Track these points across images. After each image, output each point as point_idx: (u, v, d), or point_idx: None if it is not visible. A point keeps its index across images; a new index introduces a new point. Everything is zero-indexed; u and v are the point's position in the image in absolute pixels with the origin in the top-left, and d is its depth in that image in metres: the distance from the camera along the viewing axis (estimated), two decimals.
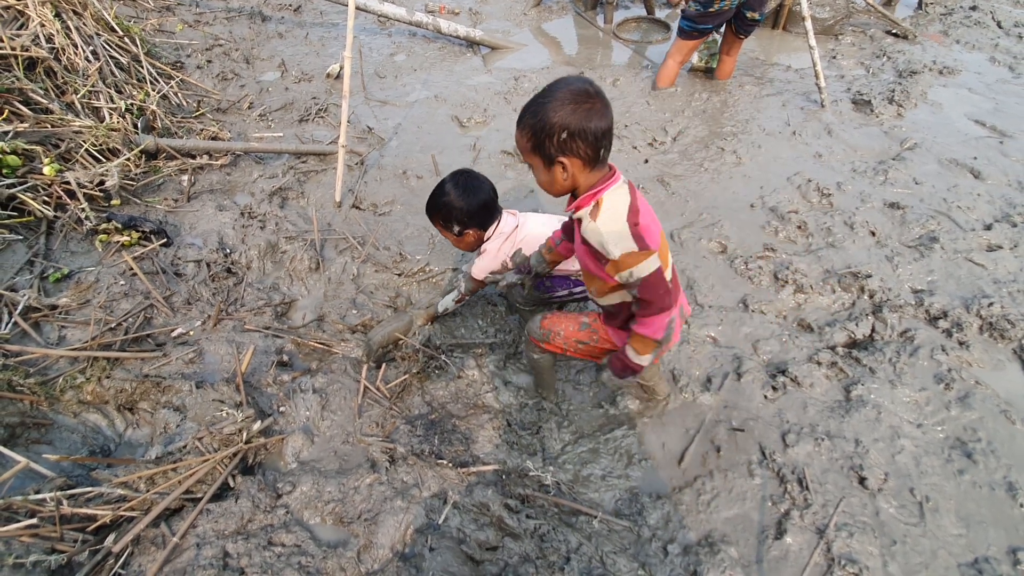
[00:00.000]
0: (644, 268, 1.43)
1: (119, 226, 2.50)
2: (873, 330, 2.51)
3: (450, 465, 1.77)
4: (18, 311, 2.05)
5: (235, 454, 1.70)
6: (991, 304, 2.52)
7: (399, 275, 2.75)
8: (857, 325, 2.52)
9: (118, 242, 2.49)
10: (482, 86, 4.61)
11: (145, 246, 2.57)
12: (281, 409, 1.91)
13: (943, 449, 2.02)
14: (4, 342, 1.93)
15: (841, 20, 5.42)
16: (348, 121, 4.15)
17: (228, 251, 2.74)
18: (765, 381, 2.25)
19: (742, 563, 1.65)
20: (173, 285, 2.47)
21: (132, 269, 2.39)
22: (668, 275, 1.55)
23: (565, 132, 1.35)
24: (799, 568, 1.63)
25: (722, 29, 4.20)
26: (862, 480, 1.87)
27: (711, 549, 1.68)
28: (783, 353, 2.40)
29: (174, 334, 2.24)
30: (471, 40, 5.31)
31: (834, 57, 5.01)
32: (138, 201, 2.87)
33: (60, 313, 2.15)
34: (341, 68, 4.79)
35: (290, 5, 6.05)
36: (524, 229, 2.21)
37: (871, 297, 2.65)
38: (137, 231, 2.54)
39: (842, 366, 2.31)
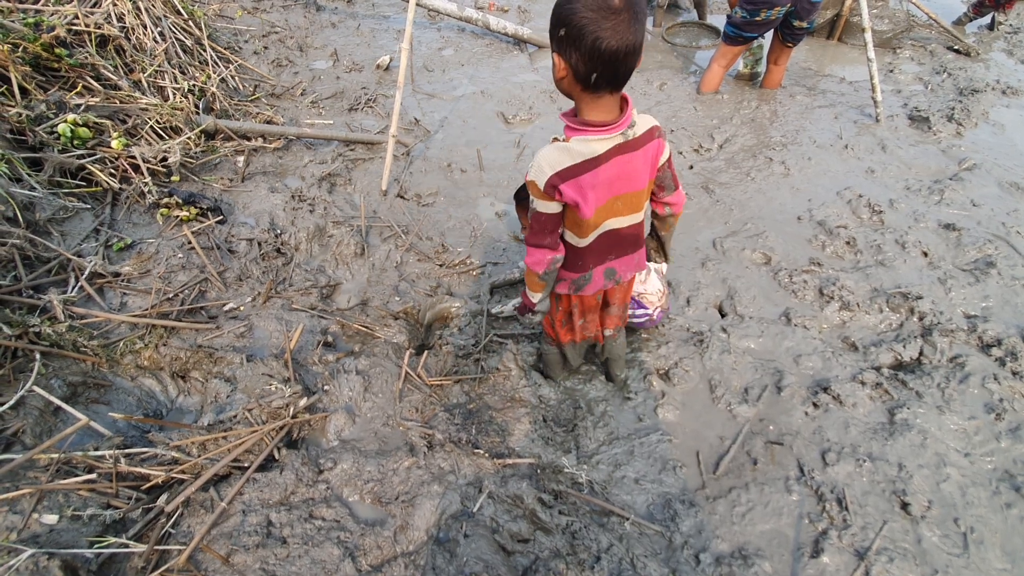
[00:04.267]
0: (539, 205, 1.47)
1: (180, 201, 2.60)
2: (921, 353, 2.44)
3: (486, 455, 1.79)
4: (84, 276, 2.15)
5: (281, 427, 1.76)
6: None
7: (440, 266, 2.79)
8: (905, 347, 2.45)
9: (177, 216, 2.59)
10: (528, 84, 4.62)
11: (202, 222, 2.66)
12: (325, 388, 1.96)
13: (991, 481, 1.96)
14: (71, 304, 2.03)
15: (900, 33, 5.26)
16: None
17: (279, 232, 2.82)
18: (806, 397, 2.21)
19: None
20: (226, 261, 2.56)
21: (190, 243, 2.48)
22: (590, 238, 1.57)
23: (563, 29, 1.26)
24: None
25: (768, 35, 4.12)
26: (905, 505, 1.83)
27: (744, 562, 1.66)
28: (825, 370, 2.36)
29: (226, 308, 2.31)
30: (519, 38, 5.33)
31: (891, 71, 4.86)
32: (196, 179, 2.98)
33: (122, 280, 2.25)
34: (391, 59, 4.87)
35: None
36: None
37: (921, 319, 2.58)
38: (195, 207, 2.64)
39: (887, 388, 2.26)
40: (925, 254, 2.94)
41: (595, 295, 1.73)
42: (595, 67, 1.26)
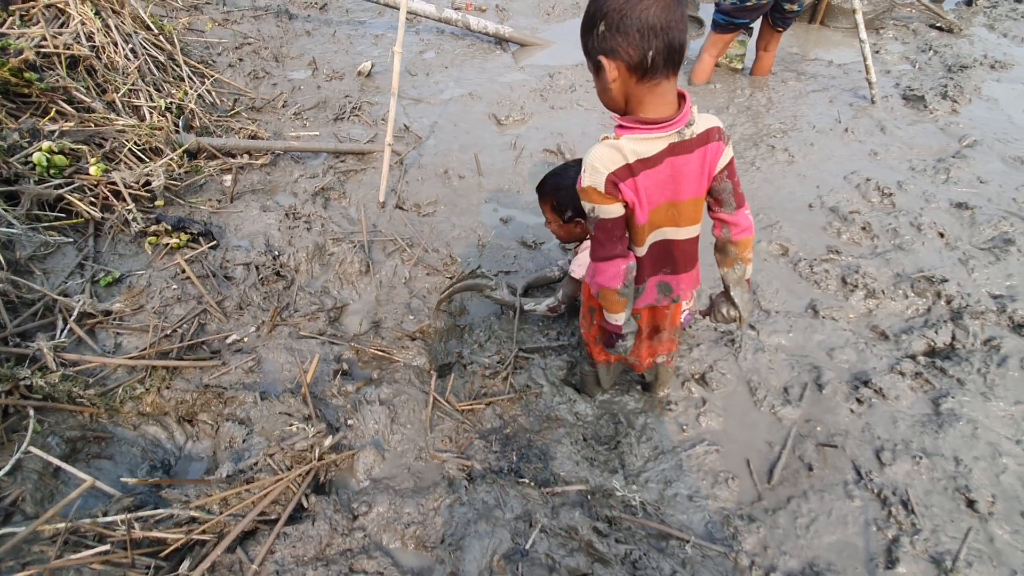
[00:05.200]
0: (602, 210, 1.34)
1: (168, 228, 2.42)
2: (954, 338, 2.39)
3: (531, 484, 1.66)
4: (73, 317, 1.97)
5: (308, 471, 1.61)
6: None
7: (450, 278, 2.65)
8: (937, 333, 2.39)
9: (167, 244, 2.41)
10: (517, 83, 4.50)
11: (194, 248, 2.48)
12: (349, 422, 1.81)
13: None
14: (61, 350, 1.85)
15: (882, 14, 5.27)
16: (384, 119, 4.07)
17: (276, 253, 2.65)
18: (848, 393, 2.13)
19: None
20: (224, 289, 2.39)
21: (184, 272, 2.30)
22: (645, 246, 1.45)
23: (602, 24, 1.19)
24: None
25: (755, 25, 4.06)
26: (971, 503, 1.75)
27: None
28: (861, 363, 2.28)
29: (228, 341, 2.15)
30: (500, 37, 5.21)
31: (877, 52, 4.85)
32: (182, 202, 2.79)
33: (115, 319, 2.06)
34: (373, 66, 4.71)
35: (316, 3, 5.97)
36: None
37: (948, 303, 2.52)
38: (186, 233, 2.46)
39: (927, 377, 2.19)
40: (941, 235, 2.90)
41: (645, 307, 1.60)
42: (648, 44, 1.19)
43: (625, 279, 1.44)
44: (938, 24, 5.10)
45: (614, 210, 1.36)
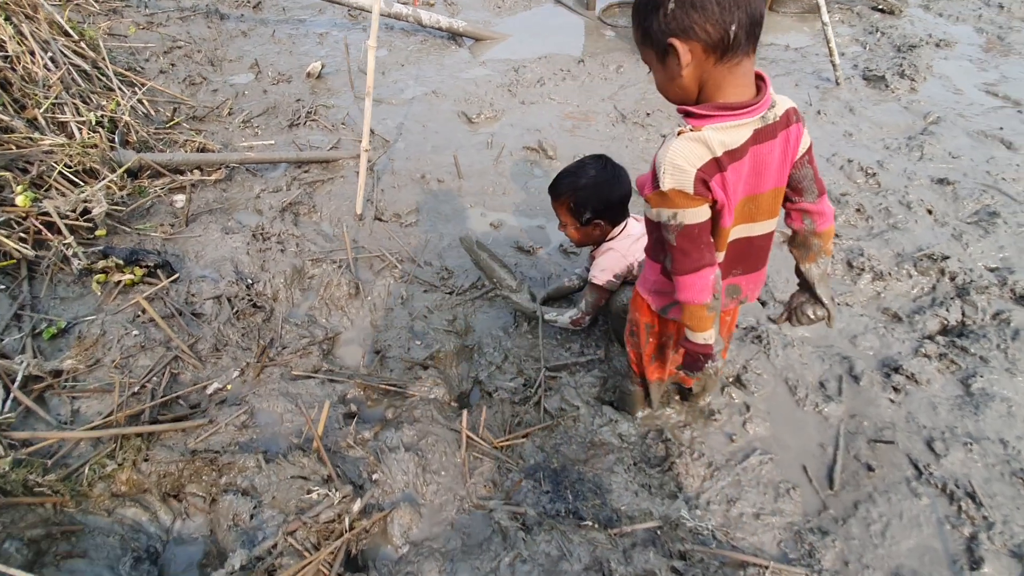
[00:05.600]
0: (689, 215, 1.18)
1: (119, 262, 2.06)
2: (964, 314, 2.39)
3: (595, 526, 1.48)
4: (16, 383, 1.61)
5: (339, 546, 1.35)
6: None
7: (450, 293, 2.42)
8: (948, 311, 2.39)
9: (119, 282, 2.05)
10: (481, 79, 4.29)
11: (152, 283, 2.13)
12: (374, 477, 1.56)
13: None
14: (7, 428, 1.50)
15: None
16: (344, 123, 3.76)
17: (249, 281, 2.33)
18: (883, 382, 2.08)
19: None
20: (195, 329, 2.06)
21: (144, 314, 1.96)
22: (724, 251, 1.31)
23: (671, 3, 1.06)
24: None
25: None
26: None
27: None
28: (885, 348, 2.24)
29: (209, 391, 1.84)
30: (454, 31, 4.96)
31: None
32: (128, 229, 2.41)
33: (68, 380, 1.71)
34: (323, 66, 4.36)
35: (248, 2, 5.52)
36: None
37: (952, 280, 2.53)
38: (140, 266, 2.11)
39: (952, 357, 2.17)
40: (930, 212, 2.93)
41: None
42: (730, 17, 1.05)
43: (714, 291, 1.27)
44: (880, 6, 5.27)
45: (702, 213, 1.19)
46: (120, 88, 3.09)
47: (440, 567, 1.38)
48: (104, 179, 2.36)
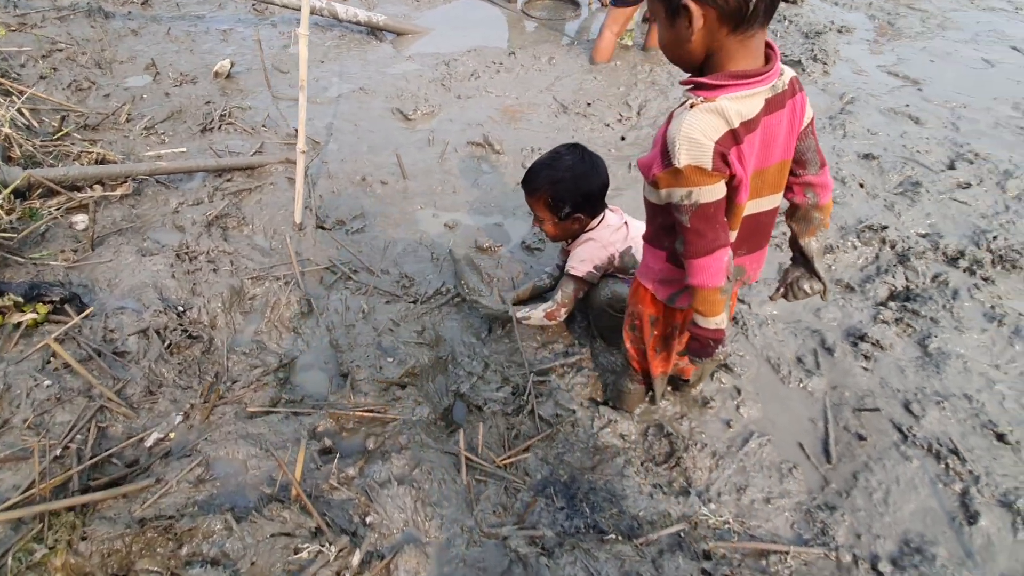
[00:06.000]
0: (705, 193, 1.10)
1: (17, 299, 1.70)
2: (907, 280, 2.52)
3: (619, 538, 1.38)
4: None
5: None
6: (995, 238, 2.65)
7: (414, 302, 2.24)
8: (893, 277, 2.51)
9: (19, 323, 1.69)
10: (411, 74, 4.08)
11: (59, 322, 1.78)
12: (368, 519, 1.37)
13: None
14: None
15: None
16: (265, 125, 3.44)
17: (180, 309, 2.02)
18: (853, 351, 2.14)
19: (955, 562, 1.48)
20: (119, 371, 1.74)
21: (57, 358, 1.63)
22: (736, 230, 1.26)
23: None
24: (1015, 557, 1.50)
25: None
26: (1000, 437, 1.81)
27: (921, 555, 1.49)
28: (847, 318, 2.31)
29: (149, 443, 1.56)
30: (373, 26, 4.71)
31: None
32: (21, 259, 2.02)
33: None
34: (232, 64, 3.97)
35: None
36: (633, 227, 1.87)
37: (892, 248, 2.67)
38: (44, 302, 1.75)
39: (907, 321, 2.28)
40: (862, 185, 3.09)
41: None
42: None
43: (728, 272, 1.20)
44: None
45: (718, 190, 1.12)
46: None
47: None
48: None
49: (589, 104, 3.71)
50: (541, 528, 1.39)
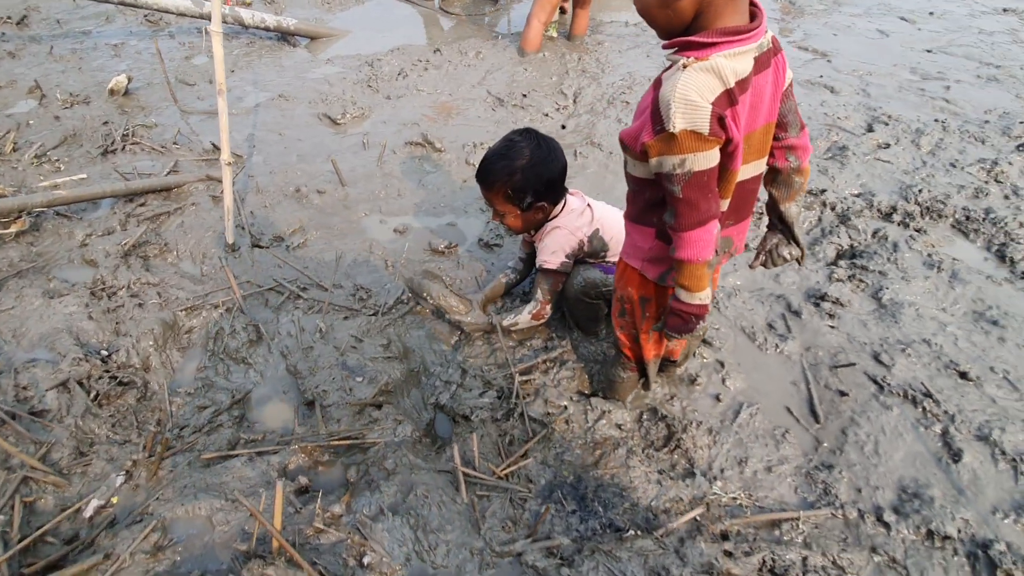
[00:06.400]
0: (699, 160, 1.05)
1: None
2: (850, 238, 2.63)
3: (638, 533, 1.31)
4: None
5: None
6: (920, 191, 2.82)
7: (374, 315, 2.08)
8: (838, 237, 2.61)
9: None
10: (334, 77, 3.87)
11: None
12: (365, 560, 1.21)
13: (975, 322, 2.16)
14: None
15: None
16: (177, 143, 3.13)
17: (104, 353, 1.76)
18: (817, 311, 2.19)
19: (950, 500, 1.52)
20: (39, 434, 1.48)
21: None
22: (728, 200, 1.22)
23: None
24: (1000, 486, 1.56)
25: None
26: (963, 375, 1.90)
27: (919, 499, 1.52)
28: (805, 280, 2.37)
29: (88, 513, 1.32)
30: (284, 31, 4.44)
31: None
32: None
33: None
34: (129, 80, 3.61)
35: (9, 19, 4.43)
36: (597, 209, 1.80)
37: (833, 209, 2.78)
38: None
39: (860, 277, 2.36)
40: None
41: None
42: None
43: (716, 244, 1.16)
44: None
45: (712, 157, 1.06)
46: None
47: None
48: None
49: (525, 95, 3.65)
50: (556, 536, 1.29)
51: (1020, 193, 2.84)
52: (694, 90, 0.99)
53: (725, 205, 1.21)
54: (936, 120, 3.45)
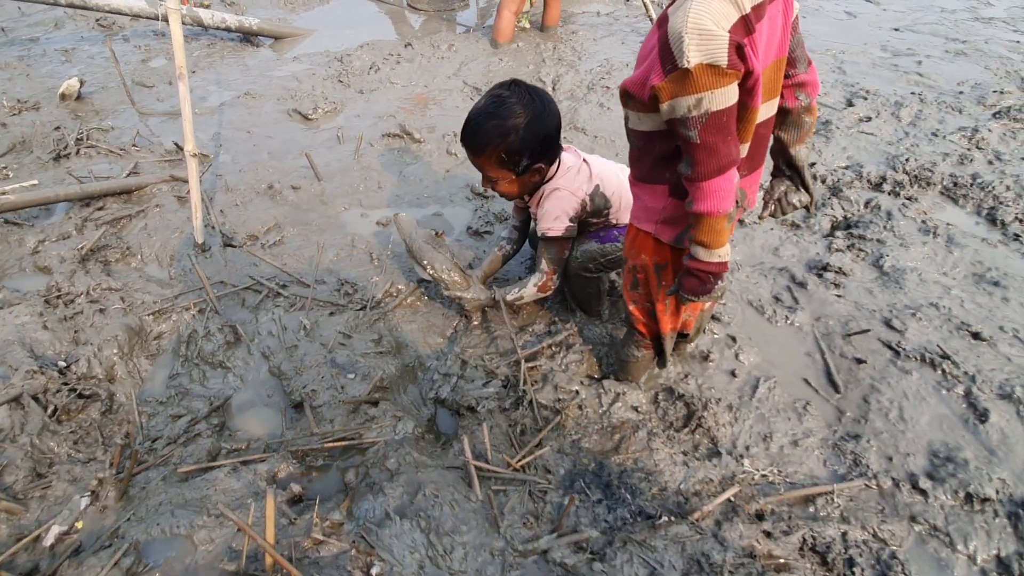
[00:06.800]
0: (717, 97, 0.95)
1: None
2: (844, 209, 2.59)
3: (672, 519, 1.20)
4: None
5: None
6: (906, 160, 2.81)
7: (362, 309, 1.93)
8: (832, 209, 2.57)
9: None
10: (303, 74, 3.71)
11: None
12: (373, 572, 1.07)
13: (977, 284, 2.13)
14: None
15: None
16: (136, 144, 2.94)
17: (62, 364, 1.58)
18: (821, 282, 2.13)
19: (983, 461, 1.46)
20: None
21: None
22: (748, 143, 1.11)
23: None
24: None
25: None
26: (976, 335, 1.85)
27: (953, 463, 1.45)
28: (804, 253, 2.32)
29: (48, 541, 1.16)
30: (246, 31, 4.26)
31: (627, 1, 5.28)
32: None
33: None
34: (82, 84, 3.39)
35: None
36: (594, 164, 1.68)
37: (824, 182, 2.74)
38: None
39: (859, 247, 2.32)
40: None
41: None
42: None
43: (736, 194, 1.06)
44: None
45: (731, 94, 0.97)
46: None
47: None
48: None
49: None
50: (584, 529, 1.17)
51: (1003, 158, 2.85)
52: (708, 17, 0.90)
53: (745, 150, 1.11)
54: (912, 93, 3.46)
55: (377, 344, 1.80)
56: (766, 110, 1.15)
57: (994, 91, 3.42)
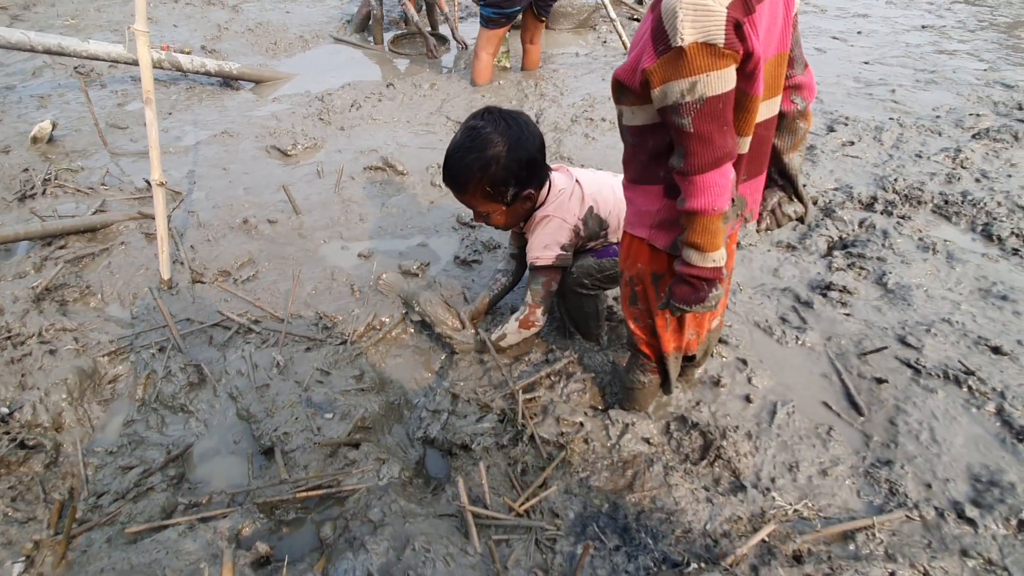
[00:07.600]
0: (713, 81, 0.88)
1: None
2: (839, 229, 2.54)
3: (702, 565, 1.04)
4: None
5: None
6: (895, 180, 2.79)
7: (343, 343, 1.78)
8: (827, 229, 2.52)
9: None
10: (283, 113, 3.66)
11: None
12: None
13: (985, 299, 2.06)
14: None
15: (591, 14, 5.95)
16: (105, 183, 2.82)
17: (5, 411, 1.40)
18: (827, 301, 2.04)
19: None
20: None
21: None
22: (748, 138, 1.03)
23: None
24: None
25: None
26: (996, 350, 1.75)
27: (999, 487, 1.32)
28: (805, 273, 2.24)
29: None
30: (226, 76, 4.24)
31: (604, 42, 5.42)
32: None
33: None
34: (54, 126, 3.30)
35: None
36: (587, 183, 1.58)
37: (815, 204, 2.71)
38: None
39: (860, 265, 2.25)
40: None
41: None
42: None
43: (733, 194, 0.97)
44: (636, 17, 5.98)
45: (728, 78, 0.88)
46: None
47: None
48: None
49: None
50: None
51: (989, 176, 2.85)
52: None
53: (745, 146, 1.02)
54: (891, 119, 3.51)
55: (358, 380, 1.64)
56: (767, 108, 1.07)
57: (970, 114, 3.48)
